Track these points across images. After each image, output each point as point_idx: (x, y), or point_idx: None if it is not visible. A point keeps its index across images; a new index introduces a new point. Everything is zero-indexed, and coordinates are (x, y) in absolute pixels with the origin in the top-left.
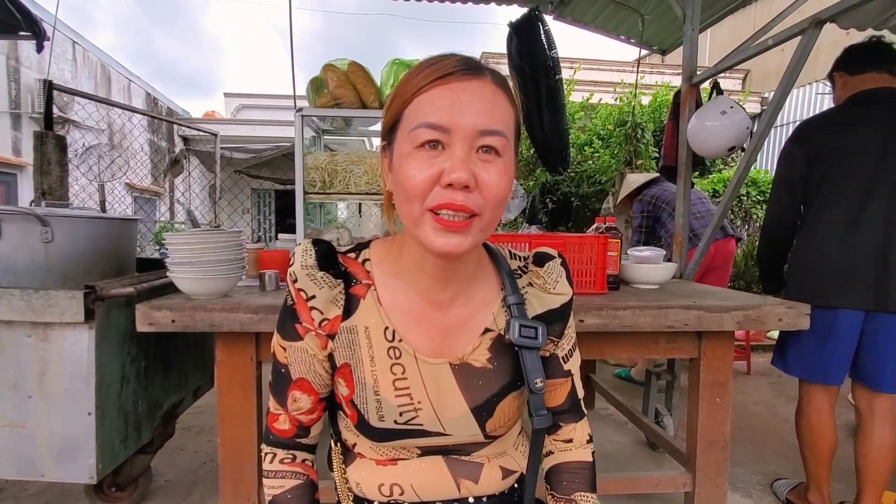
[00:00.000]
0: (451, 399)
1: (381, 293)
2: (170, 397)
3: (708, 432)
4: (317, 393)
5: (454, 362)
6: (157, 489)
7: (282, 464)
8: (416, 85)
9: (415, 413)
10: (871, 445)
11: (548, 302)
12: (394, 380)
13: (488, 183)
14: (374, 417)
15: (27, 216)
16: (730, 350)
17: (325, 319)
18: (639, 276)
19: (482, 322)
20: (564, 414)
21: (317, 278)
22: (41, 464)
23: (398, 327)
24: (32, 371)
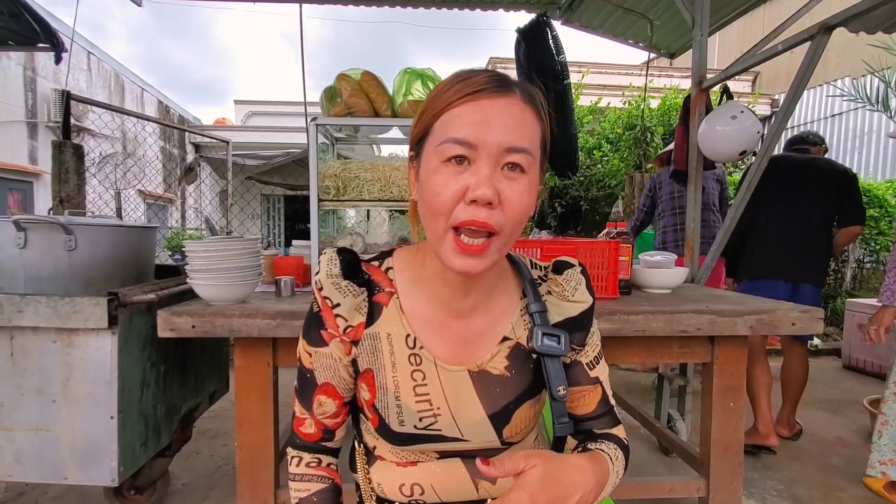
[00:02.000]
0: (469, 405)
1: (404, 301)
2: (187, 401)
3: (722, 437)
4: (341, 397)
5: (473, 370)
6: (175, 492)
7: (308, 467)
8: (447, 100)
9: (434, 419)
10: (790, 372)
11: (566, 310)
12: (414, 386)
13: (511, 200)
14: (394, 422)
15: (51, 225)
16: (743, 354)
17: (350, 326)
18: (651, 281)
19: (501, 331)
20: (599, 419)
21: (341, 287)
22: (64, 467)
23: (419, 335)
24: (57, 376)
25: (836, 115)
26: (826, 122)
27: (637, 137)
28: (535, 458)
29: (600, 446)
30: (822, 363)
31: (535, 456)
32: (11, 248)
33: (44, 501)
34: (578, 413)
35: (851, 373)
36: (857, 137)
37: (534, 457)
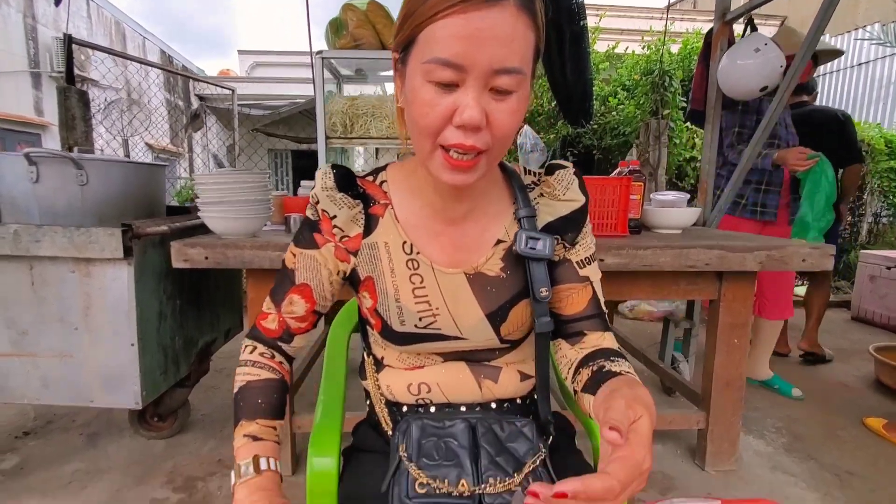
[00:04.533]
0: (466, 306)
1: (399, 212)
2: (203, 336)
3: (724, 372)
4: (314, 302)
5: (469, 272)
6: (195, 422)
7: (261, 357)
8: (433, 7)
9: (433, 318)
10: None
11: (558, 209)
12: (413, 289)
13: (499, 121)
14: (396, 323)
15: (62, 159)
16: (751, 292)
17: (346, 237)
18: (661, 221)
19: (494, 234)
20: (588, 320)
21: (336, 199)
22: (89, 391)
23: (415, 241)
24: (77, 305)
25: (861, 64)
26: (851, 72)
27: (655, 82)
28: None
29: (622, 367)
30: (830, 314)
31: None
32: (25, 183)
33: (72, 428)
34: (567, 312)
35: (860, 324)
36: (883, 87)
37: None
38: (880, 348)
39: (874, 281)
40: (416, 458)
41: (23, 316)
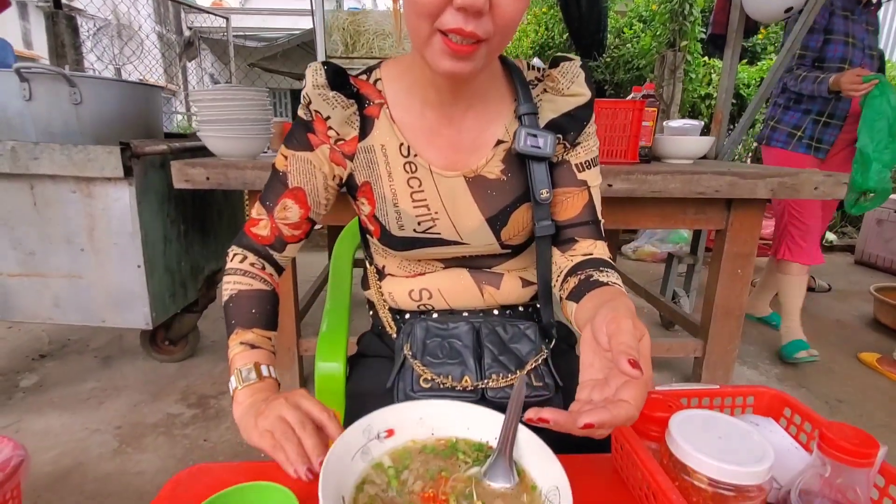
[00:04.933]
0: (466, 210)
1: (395, 112)
2: (209, 264)
3: (725, 302)
4: (308, 208)
5: (468, 175)
6: (205, 347)
7: (252, 267)
8: None
9: (432, 222)
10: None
11: (561, 105)
12: (411, 192)
13: (502, 8)
14: (394, 227)
15: (54, 76)
16: (759, 222)
17: (342, 140)
18: (672, 149)
19: (494, 134)
20: (582, 227)
21: (329, 98)
22: (100, 311)
23: (412, 143)
24: (81, 226)
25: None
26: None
27: (674, 10)
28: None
29: (609, 277)
30: (833, 258)
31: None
32: (18, 102)
33: (86, 352)
34: (561, 218)
35: (862, 268)
36: None
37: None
38: (880, 288)
39: (881, 225)
40: (420, 357)
41: (28, 236)
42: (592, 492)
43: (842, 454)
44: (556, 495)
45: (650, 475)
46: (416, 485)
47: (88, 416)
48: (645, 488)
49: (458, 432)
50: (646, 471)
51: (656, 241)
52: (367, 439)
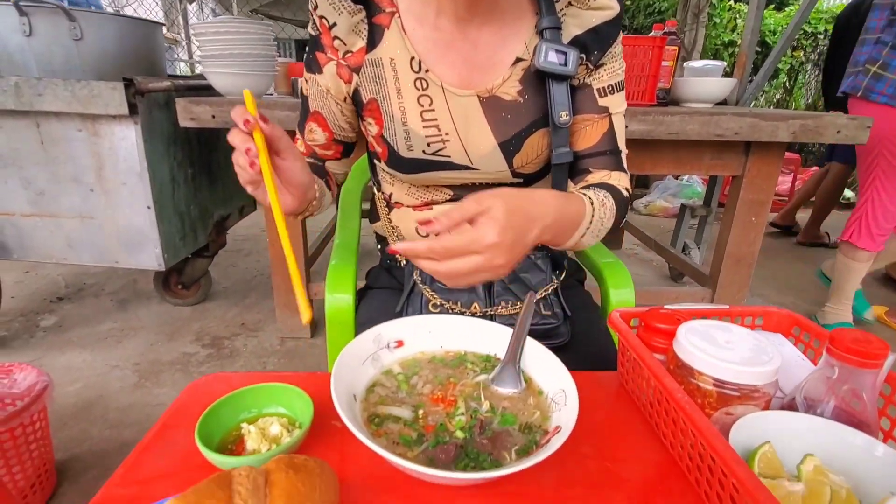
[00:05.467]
0: (478, 133)
1: (406, 22)
2: (218, 208)
3: (737, 250)
4: (331, 132)
5: (483, 95)
6: (217, 293)
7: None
8: None
9: (442, 144)
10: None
11: (587, 19)
12: (421, 111)
13: None
14: (403, 148)
15: (54, 10)
16: (777, 168)
17: (349, 52)
18: (692, 91)
19: (513, 52)
20: (598, 157)
21: (335, 3)
22: (113, 252)
23: (424, 57)
24: (89, 166)
25: None
26: None
27: None
28: (490, 198)
29: (586, 191)
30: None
31: (489, 196)
32: (18, 37)
33: (102, 295)
34: (578, 147)
35: None
36: None
37: (487, 197)
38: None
39: None
40: (430, 283)
41: (38, 176)
42: (599, 406)
43: (851, 355)
44: (562, 397)
45: (656, 378)
46: (426, 388)
47: (107, 353)
48: (650, 395)
49: (467, 345)
50: (652, 375)
51: (669, 195)
52: (376, 347)
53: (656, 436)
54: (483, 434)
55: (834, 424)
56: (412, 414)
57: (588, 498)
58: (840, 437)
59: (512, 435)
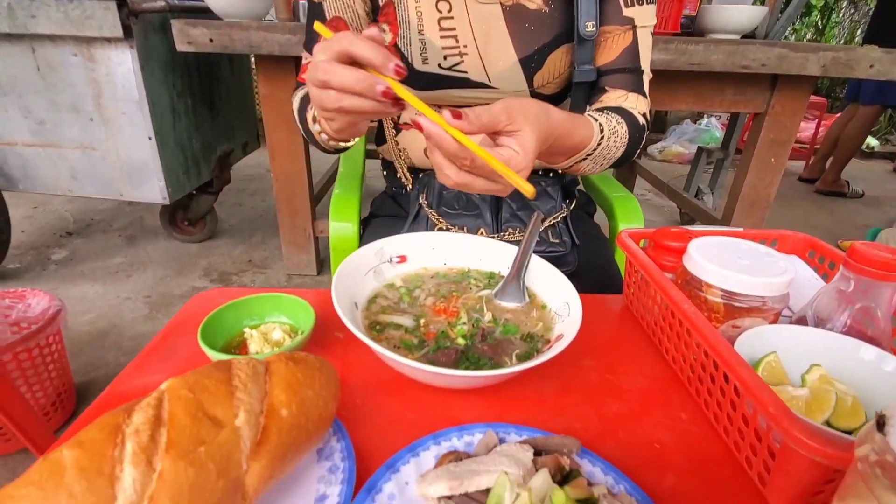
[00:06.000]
0: (499, 46)
1: None
2: (220, 143)
3: (752, 192)
4: None
5: (506, 3)
6: (224, 231)
7: None
8: None
9: (460, 58)
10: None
11: None
12: (439, 18)
13: None
14: (417, 60)
15: None
16: (803, 106)
17: None
18: (719, 20)
19: None
20: (616, 74)
21: None
22: (117, 184)
23: None
24: (87, 93)
25: None
26: None
27: None
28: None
29: (597, 115)
30: (872, 165)
31: (520, 114)
32: None
33: (111, 231)
34: (597, 63)
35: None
36: None
37: (518, 115)
38: None
39: None
40: (436, 207)
41: (37, 104)
42: (602, 326)
43: (870, 267)
44: (565, 310)
45: (663, 291)
46: (428, 300)
47: (119, 286)
48: (656, 312)
49: (471, 263)
50: (658, 289)
51: (685, 140)
52: (379, 261)
53: (659, 352)
54: (484, 341)
55: (843, 338)
56: (414, 322)
57: (587, 405)
58: (849, 350)
59: (513, 342)
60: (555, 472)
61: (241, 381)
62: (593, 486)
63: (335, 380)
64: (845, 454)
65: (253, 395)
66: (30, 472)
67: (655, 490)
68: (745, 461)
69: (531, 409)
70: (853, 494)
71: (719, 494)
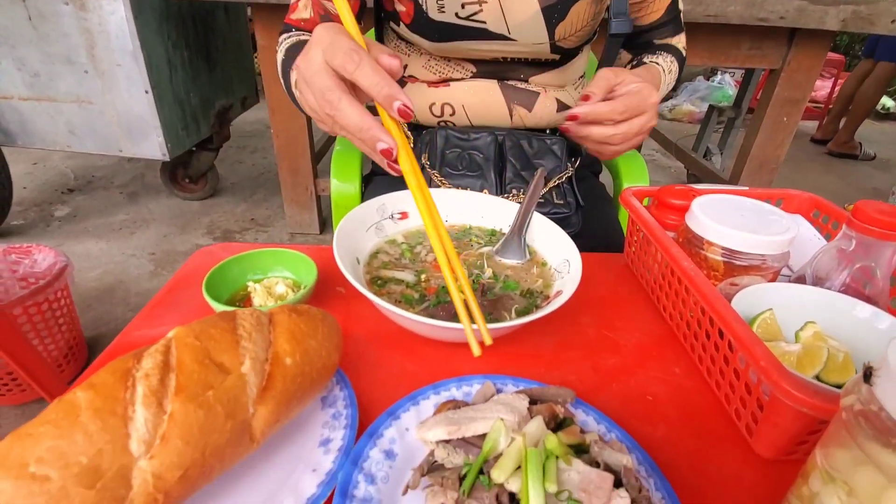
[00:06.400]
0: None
1: None
2: (219, 98)
3: (762, 153)
4: None
5: None
6: (225, 189)
7: (302, 33)
8: None
9: (478, 6)
10: (864, 92)
11: None
12: None
13: None
14: (433, 8)
15: None
16: (819, 63)
17: None
18: None
19: None
20: (663, 28)
21: None
22: (116, 140)
23: None
24: (80, 44)
25: None
26: None
27: None
28: (615, 72)
29: (656, 59)
30: (886, 127)
31: (610, 72)
32: None
33: (112, 188)
34: (644, 22)
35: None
36: None
37: (610, 73)
38: None
39: None
40: (438, 167)
41: (30, 56)
42: (602, 284)
43: (873, 226)
44: (565, 266)
45: (663, 249)
46: (429, 256)
47: (123, 243)
48: (655, 271)
49: (472, 220)
50: (658, 246)
51: (697, 98)
52: (380, 217)
53: (657, 310)
54: (484, 297)
55: (839, 296)
56: (415, 278)
57: (583, 360)
58: (845, 308)
59: (513, 298)
60: (549, 420)
61: (246, 331)
62: (586, 433)
63: (337, 332)
64: (831, 406)
65: (258, 344)
66: (46, 412)
67: (646, 439)
68: (735, 413)
69: (529, 363)
70: (836, 443)
71: (707, 444)
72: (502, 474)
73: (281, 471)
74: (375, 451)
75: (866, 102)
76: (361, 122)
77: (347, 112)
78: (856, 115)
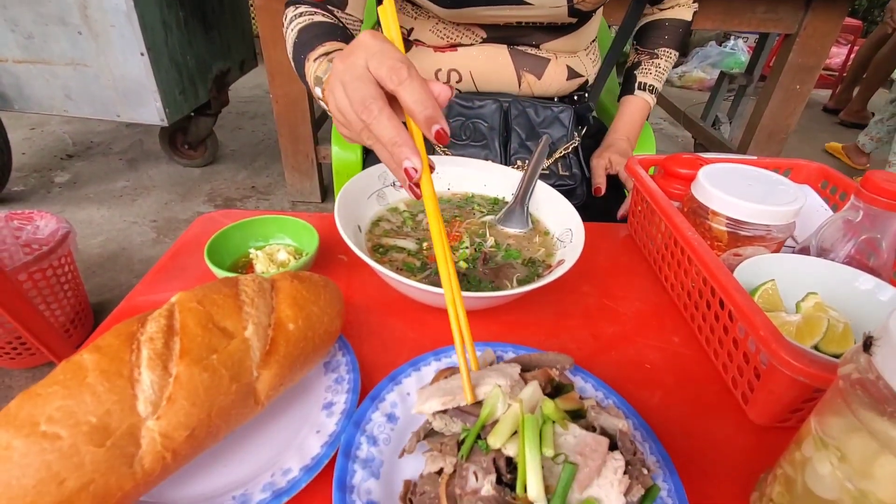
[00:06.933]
0: None
1: None
2: (216, 62)
3: (771, 122)
4: None
5: None
6: (225, 156)
7: (308, 8)
8: None
9: None
10: (882, 56)
11: None
12: None
13: None
14: None
15: None
16: (836, 29)
17: None
18: None
19: None
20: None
21: None
22: (113, 104)
23: None
24: (73, 4)
25: None
26: None
27: None
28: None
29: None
30: None
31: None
32: None
33: (111, 154)
34: None
35: None
36: None
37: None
38: None
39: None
40: None
41: (23, 16)
42: (604, 253)
43: (881, 196)
44: (568, 236)
45: (667, 218)
46: None
47: (124, 210)
48: (658, 240)
49: (475, 188)
50: (662, 215)
51: (707, 65)
52: (382, 184)
53: (658, 280)
54: (486, 265)
55: (842, 267)
56: (416, 246)
57: (583, 328)
58: (847, 279)
59: (514, 267)
60: (545, 385)
61: (248, 297)
62: (584, 399)
63: (339, 298)
64: (828, 374)
65: (260, 310)
66: (54, 373)
67: (644, 406)
68: (731, 381)
69: (529, 331)
70: (831, 411)
71: (703, 411)
72: (498, 440)
73: (286, 432)
74: (377, 414)
75: (882, 69)
76: (397, 136)
77: (386, 124)
78: (871, 82)
